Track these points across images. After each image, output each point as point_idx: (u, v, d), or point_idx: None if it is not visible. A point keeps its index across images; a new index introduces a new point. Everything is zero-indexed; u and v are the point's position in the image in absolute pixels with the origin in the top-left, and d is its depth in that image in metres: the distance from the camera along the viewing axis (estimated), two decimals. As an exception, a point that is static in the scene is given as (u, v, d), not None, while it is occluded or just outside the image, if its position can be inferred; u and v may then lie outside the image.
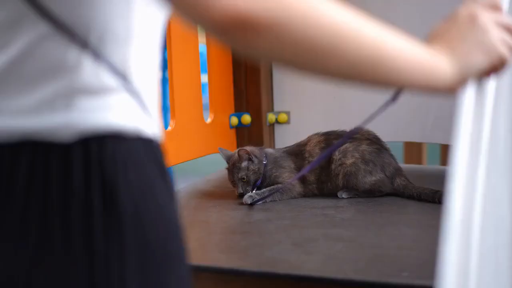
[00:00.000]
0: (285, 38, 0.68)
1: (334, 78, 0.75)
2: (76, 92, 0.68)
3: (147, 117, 0.73)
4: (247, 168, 1.78)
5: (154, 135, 0.75)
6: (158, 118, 0.77)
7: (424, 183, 1.74)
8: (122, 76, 0.70)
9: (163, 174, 0.75)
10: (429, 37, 0.82)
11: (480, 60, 0.80)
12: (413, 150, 3.26)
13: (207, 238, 1.48)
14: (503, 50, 0.80)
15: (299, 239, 1.41)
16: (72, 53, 0.68)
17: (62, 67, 0.68)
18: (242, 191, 1.78)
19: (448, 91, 0.79)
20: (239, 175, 1.78)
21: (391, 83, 0.76)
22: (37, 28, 0.67)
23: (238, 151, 1.80)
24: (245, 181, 1.78)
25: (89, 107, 0.68)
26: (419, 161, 3.22)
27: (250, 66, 2.23)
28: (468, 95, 0.78)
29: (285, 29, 0.67)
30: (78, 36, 0.67)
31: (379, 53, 0.73)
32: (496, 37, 0.80)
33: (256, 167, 1.78)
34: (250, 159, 1.79)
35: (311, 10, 0.68)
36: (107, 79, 0.69)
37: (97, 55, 0.68)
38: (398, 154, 3.19)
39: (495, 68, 0.81)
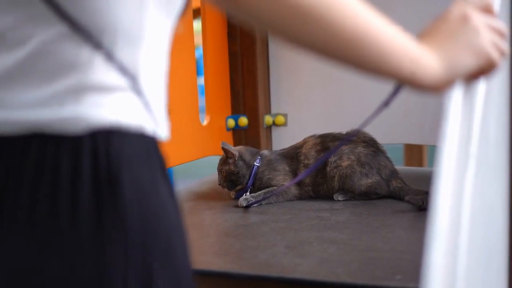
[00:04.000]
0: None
1: (319, 51, 0.76)
2: (86, 89, 0.69)
3: (151, 117, 0.75)
4: (228, 164, 1.80)
5: (157, 135, 0.76)
6: (164, 119, 0.78)
7: (424, 186, 1.73)
8: (131, 76, 0.72)
9: (164, 173, 0.76)
10: (420, 35, 0.82)
11: (468, 61, 0.79)
12: (414, 152, 3.26)
13: (201, 241, 1.48)
14: (493, 53, 0.80)
15: (293, 242, 1.41)
16: (85, 52, 0.69)
17: (75, 65, 0.69)
18: (218, 183, 1.82)
19: (434, 89, 0.79)
20: (219, 167, 1.82)
21: (377, 67, 0.76)
22: (54, 27, 0.69)
23: (224, 149, 1.81)
24: (224, 176, 1.80)
25: (97, 102, 0.70)
26: (419, 163, 3.22)
27: (247, 68, 2.23)
28: (456, 97, 0.77)
29: None
30: (92, 37, 0.69)
31: (367, 32, 0.74)
32: (487, 39, 0.80)
33: (236, 169, 1.78)
34: (228, 158, 1.80)
35: None
36: (116, 78, 0.71)
37: (109, 55, 0.70)
38: (399, 156, 3.20)
39: (484, 70, 0.81)
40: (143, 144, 0.73)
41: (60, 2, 0.68)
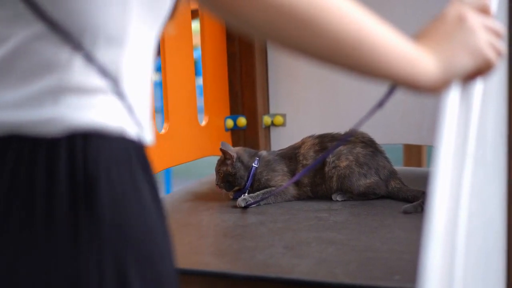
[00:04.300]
0: (270, 6, 0.69)
1: (314, 56, 0.75)
2: (64, 90, 0.69)
3: (133, 121, 0.74)
4: (226, 165, 1.80)
5: (140, 138, 0.75)
6: (148, 122, 0.77)
7: (423, 186, 1.73)
8: (112, 78, 0.71)
9: (148, 176, 0.75)
10: (417, 36, 0.82)
11: (465, 61, 0.79)
12: (413, 152, 3.25)
13: (199, 242, 1.48)
14: (489, 54, 0.80)
15: (291, 242, 1.40)
16: (64, 53, 0.69)
17: (53, 65, 0.69)
18: (216, 184, 1.82)
19: (431, 90, 0.79)
20: (217, 168, 1.82)
21: (372, 69, 0.76)
22: (33, 27, 0.68)
23: (223, 150, 1.81)
24: (221, 176, 1.80)
25: (76, 104, 0.69)
26: (418, 164, 3.21)
27: (245, 68, 2.23)
28: (452, 97, 0.77)
29: None
30: (72, 37, 0.69)
31: (362, 34, 0.73)
32: (483, 39, 0.80)
33: (233, 171, 1.78)
34: (226, 159, 1.80)
35: None
36: (96, 80, 0.70)
37: (89, 56, 0.69)
38: (398, 156, 3.19)
39: (481, 71, 0.81)
40: (123, 148, 0.72)
41: (39, 2, 0.67)
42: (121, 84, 0.72)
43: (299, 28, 0.72)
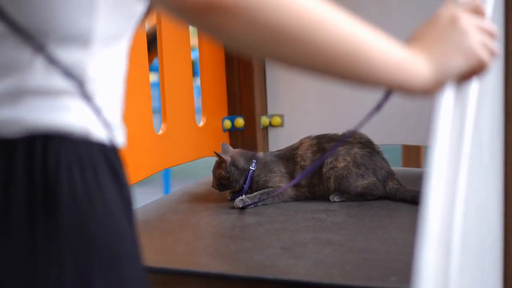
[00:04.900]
0: (257, 24, 0.68)
1: (306, 70, 0.74)
2: (25, 92, 0.68)
3: (101, 123, 0.73)
4: (221, 168, 1.80)
5: (109, 141, 0.74)
6: (119, 124, 0.76)
7: (421, 187, 1.73)
8: (77, 80, 0.70)
9: (117, 180, 0.74)
10: (410, 39, 0.82)
11: (458, 63, 0.79)
12: (411, 153, 3.25)
13: (196, 242, 1.47)
14: (483, 54, 0.79)
15: (288, 243, 1.40)
16: (25, 54, 0.68)
17: (14, 66, 0.68)
18: (212, 185, 1.82)
19: (425, 93, 0.78)
20: (213, 169, 1.82)
21: (365, 78, 0.75)
22: None
23: (217, 154, 1.81)
24: (216, 179, 1.80)
25: (37, 106, 0.68)
26: (417, 164, 3.21)
27: (243, 69, 2.23)
28: (447, 97, 0.77)
29: (257, 14, 0.67)
30: (33, 38, 0.68)
31: (353, 45, 0.72)
32: (476, 40, 0.79)
33: (227, 175, 1.78)
34: (221, 162, 1.80)
35: None
36: (59, 81, 0.69)
37: (52, 57, 0.68)
38: (397, 157, 3.19)
39: (475, 71, 0.80)
40: (87, 150, 0.71)
41: None
42: (88, 85, 0.71)
43: (288, 44, 0.70)
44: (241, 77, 2.23)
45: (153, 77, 2.05)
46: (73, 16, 0.69)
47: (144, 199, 2.12)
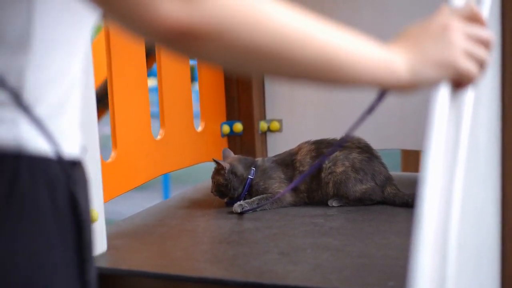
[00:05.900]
0: (232, 46, 0.67)
1: (287, 79, 0.76)
2: None
3: (43, 134, 0.68)
4: (220, 175, 1.79)
5: (54, 153, 0.69)
6: (71, 134, 0.73)
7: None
8: (12, 90, 0.66)
9: (53, 194, 0.69)
10: (400, 33, 0.82)
11: (431, 73, 0.78)
12: (411, 158, 3.25)
13: (194, 248, 1.47)
14: (466, 66, 0.78)
15: (286, 249, 1.40)
16: None
17: None
18: (211, 191, 1.81)
19: (400, 89, 0.79)
20: (212, 175, 1.81)
21: (344, 82, 0.76)
22: None
23: (216, 161, 1.80)
24: (215, 185, 1.80)
25: None
26: (416, 169, 3.21)
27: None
28: (441, 102, 0.77)
29: (231, 37, 0.67)
30: None
31: (329, 55, 0.73)
32: (460, 53, 0.78)
33: (225, 182, 1.78)
34: (220, 169, 1.79)
35: (256, 16, 0.68)
36: None
37: None
38: (396, 162, 3.19)
39: (462, 81, 0.80)
40: (19, 165, 0.66)
41: None
42: (26, 95, 0.67)
43: (266, 62, 0.71)
44: (240, 82, 2.23)
45: (151, 82, 2.04)
46: (6, 19, 0.65)
47: (143, 204, 2.12)
